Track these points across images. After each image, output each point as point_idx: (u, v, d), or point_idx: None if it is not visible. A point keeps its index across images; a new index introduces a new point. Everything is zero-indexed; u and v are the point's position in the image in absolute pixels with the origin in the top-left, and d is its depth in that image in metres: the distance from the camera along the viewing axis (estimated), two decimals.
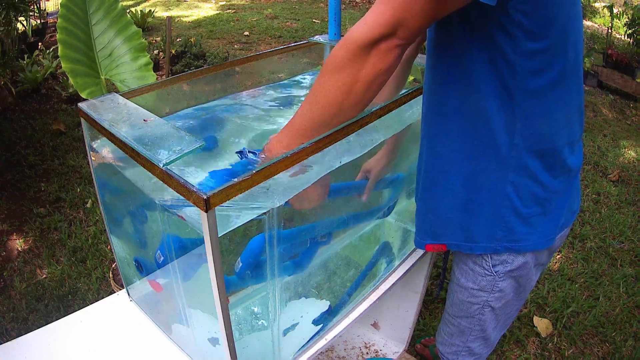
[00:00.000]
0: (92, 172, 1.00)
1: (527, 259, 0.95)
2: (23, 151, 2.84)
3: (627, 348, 1.78)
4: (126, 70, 1.86)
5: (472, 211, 0.92)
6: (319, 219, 1.00)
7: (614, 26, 5.09)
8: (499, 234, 0.92)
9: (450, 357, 1.17)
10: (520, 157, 0.85)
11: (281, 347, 0.98)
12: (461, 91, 0.84)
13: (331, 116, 0.77)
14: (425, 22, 0.71)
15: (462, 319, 1.08)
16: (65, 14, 1.74)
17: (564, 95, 0.83)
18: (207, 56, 4.19)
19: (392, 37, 0.71)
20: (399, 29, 0.70)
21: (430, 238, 1.01)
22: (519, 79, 0.78)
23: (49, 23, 4.90)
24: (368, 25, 0.71)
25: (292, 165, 0.75)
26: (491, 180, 0.88)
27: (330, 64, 0.74)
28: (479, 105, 0.82)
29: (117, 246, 1.10)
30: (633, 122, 3.86)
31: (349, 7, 6.86)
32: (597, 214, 2.55)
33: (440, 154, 0.92)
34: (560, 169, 0.89)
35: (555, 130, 0.85)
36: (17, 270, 2.04)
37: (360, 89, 0.75)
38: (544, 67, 0.78)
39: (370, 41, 0.71)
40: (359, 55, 0.72)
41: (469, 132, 0.86)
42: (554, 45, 0.77)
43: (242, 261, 0.87)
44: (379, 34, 0.70)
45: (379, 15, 0.70)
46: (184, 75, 1.08)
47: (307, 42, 1.37)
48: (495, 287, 0.98)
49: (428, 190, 0.97)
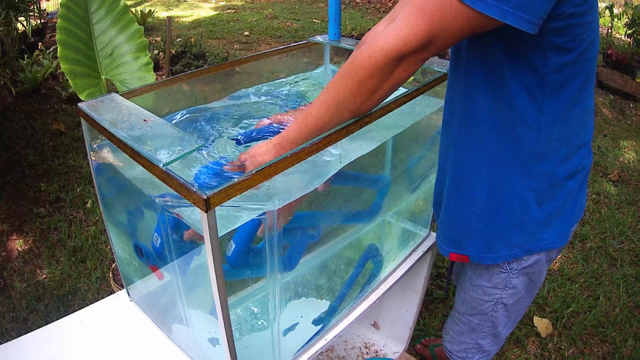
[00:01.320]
0: (92, 172, 1.00)
1: (540, 256, 0.97)
2: (23, 151, 2.84)
3: (627, 348, 1.78)
4: (127, 71, 1.85)
5: (492, 220, 0.94)
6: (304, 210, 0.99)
7: (614, 26, 5.09)
8: (518, 240, 0.94)
9: (460, 354, 1.18)
10: (542, 164, 0.86)
11: (281, 347, 0.98)
12: (489, 101, 0.85)
13: (348, 117, 0.80)
14: (457, 39, 0.72)
15: (473, 316, 1.10)
16: (65, 13, 1.73)
17: (582, 102, 0.85)
18: (207, 56, 4.19)
19: (422, 51, 0.72)
20: (430, 45, 0.71)
21: (454, 247, 1.02)
22: (547, 90, 0.80)
23: (49, 23, 4.90)
24: (401, 38, 0.70)
25: (292, 166, 0.75)
26: (514, 188, 0.89)
27: (357, 69, 0.74)
28: (506, 116, 0.84)
29: (117, 246, 1.10)
30: (633, 122, 3.86)
31: (349, 7, 6.86)
32: (597, 214, 2.55)
33: (467, 163, 0.93)
34: (577, 171, 0.91)
35: (574, 135, 0.87)
36: (17, 270, 2.04)
37: (381, 95, 0.77)
38: (570, 79, 0.80)
39: (401, 54, 0.71)
40: (388, 65, 0.73)
41: (495, 141, 0.87)
42: (580, 57, 0.79)
43: (234, 242, 0.86)
44: (411, 48, 0.71)
45: (414, 29, 0.69)
46: (184, 75, 1.08)
47: (307, 42, 1.37)
48: (508, 284, 1.00)
49: (454, 198, 0.99)
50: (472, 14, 0.68)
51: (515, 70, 0.79)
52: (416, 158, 1.32)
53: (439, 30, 0.69)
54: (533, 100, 0.81)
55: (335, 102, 0.77)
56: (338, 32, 1.35)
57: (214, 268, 0.69)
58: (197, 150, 0.74)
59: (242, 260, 0.88)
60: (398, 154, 1.19)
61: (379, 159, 1.17)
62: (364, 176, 1.16)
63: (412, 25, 0.70)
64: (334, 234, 1.13)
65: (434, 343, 1.68)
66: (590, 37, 0.78)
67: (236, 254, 0.87)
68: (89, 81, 1.76)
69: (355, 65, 0.74)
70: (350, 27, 5.47)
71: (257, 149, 0.81)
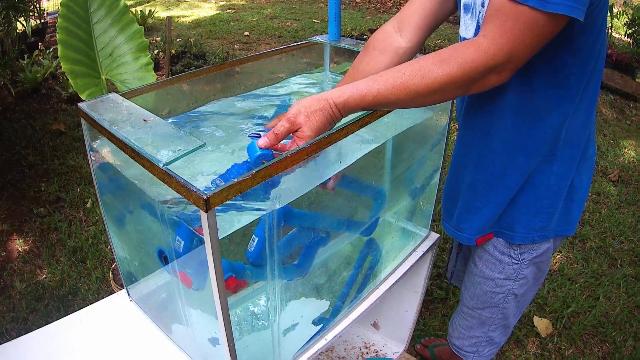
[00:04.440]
0: (92, 172, 1.00)
1: (550, 245, 1.02)
2: (23, 151, 2.84)
3: (627, 348, 1.78)
4: (127, 70, 1.85)
5: (517, 202, 0.98)
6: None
7: (613, 26, 5.09)
8: (537, 225, 0.99)
9: (469, 349, 1.19)
10: (565, 150, 0.93)
11: (281, 347, 0.98)
12: (520, 90, 0.89)
13: (424, 96, 0.78)
14: (533, 53, 0.77)
15: (484, 310, 1.12)
16: (66, 13, 1.73)
17: (595, 92, 0.93)
18: (207, 56, 4.19)
19: (502, 70, 0.76)
20: (510, 63, 0.76)
21: (479, 232, 1.05)
22: (572, 80, 0.87)
23: (49, 23, 4.90)
24: (487, 54, 0.74)
25: (292, 165, 0.75)
26: (540, 172, 0.95)
27: (447, 61, 0.76)
28: (535, 104, 0.90)
29: (117, 246, 1.10)
30: (633, 122, 3.86)
31: (349, 7, 6.86)
32: (597, 214, 2.55)
33: (498, 150, 0.96)
34: (587, 158, 0.99)
35: (588, 123, 0.95)
36: (17, 270, 2.04)
37: (449, 93, 0.79)
38: (589, 68, 0.87)
39: (486, 70, 0.76)
40: (472, 75, 0.76)
41: (525, 128, 0.92)
42: (596, 44, 0.85)
43: (256, 236, 0.84)
44: (493, 64, 0.75)
45: (497, 47, 0.74)
46: (184, 75, 1.08)
47: (307, 42, 1.37)
48: (520, 274, 1.04)
49: (484, 184, 1.01)
50: (544, 18, 0.72)
51: (546, 62, 0.85)
52: (419, 158, 1.32)
53: (519, 45, 0.74)
54: (560, 89, 0.87)
55: (430, 78, 0.76)
56: (338, 32, 1.35)
57: (214, 268, 0.69)
58: (197, 150, 0.74)
59: (264, 257, 0.85)
60: (399, 154, 1.19)
61: (379, 159, 1.17)
62: (367, 185, 1.17)
63: (496, 43, 0.74)
64: (334, 234, 1.13)
65: (434, 343, 1.69)
66: (602, 32, 0.85)
67: (259, 251, 0.84)
68: (90, 81, 1.76)
69: (448, 56, 0.76)
70: (350, 27, 5.47)
71: (310, 100, 0.77)
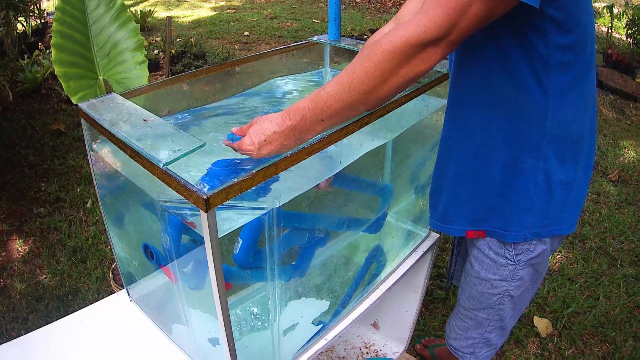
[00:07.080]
0: (92, 172, 1.00)
1: (547, 246, 1.00)
2: (23, 151, 2.84)
3: (627, 348, 1.78)
4: (123, 70, 1.85)
5: (508, 198, 0.97)
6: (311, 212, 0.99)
7: (614, 26, 5.09)
8: (529, 222, 0.96)
9: (466, 350, 1.19)
10: (550, 145, 0.90)
11: (281, 347, 0.98)
12: (499, 84, 0.88)
13: (359, 101, 0.78)
14: (475, 27, 0.74)
15: (480, 311, 1.11)
16: (61, 17, 1.72)
17: (584, 86, 0.90)
18: (207, 56, 4.19)
19: (441, 42, 0.74)
20: (450, 33, 0.73)
21: (470, 224, 1.04)
22: (551, 72, 0.84)
23: (49, 23, 4.90)
24: (421, 27, 0.72)
25: (292, 165, 0.75)
26: (525, 167, 0.93)
27: (376, 52, 0.75)
28: (516, 97, 0.88)
29: (117, 246, 1.10)
30: (633, 122, 3.86)
31: (349, 7, 6.86)
32: (597, 214, 2.55)
33: (481, 143, 0.95)
34: (582, 155, 0.95)
35: (578, 118, 0.91)
36: (17, 270, 2.04)
37: (394, 83, 0.77)
38: (571, 61, 0.85)
39: (421, 42, 0.73)
40: (406, 50, 0.73)
41: (506, 121, 0.91)
42: (578, 40, 0.83)
43: (241, 239, 0.85)
44: (431, 36, 0.72)
45: (433, 18, 0.72)
46: (184, 75, 1.08)
47: (307, 42, 1.37)
48: (515, 275, 1.02)
49: (469, 177, 1.00)
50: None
51: (521, 54, 0.83)
52: (419, 158, 1.32)
53: (457, 17, 0.72)
54: (538, 81, 0.85)
55: (349, 81, 0.77)
56: (338, 32, 1.35)
57: (214, 268, 0.69)
58: (197, 150, 0.74)
59: (250, 260, 0.87)
60: (398, 154, 1.19)
61: (379, 159, 1.17)
62: (368, 182, 1.17)
63: (431, 14, 0.72)
64: (335, 234, 1.13)
65: (434, 343, 1.69)
66: (585, 18, 0.83)
67: (244, 254, 0.85)
68: (83, 83, 1.76)
69: (375, 48, 0.75)
70: (350, 27, 5.47)
71: (267, 116, 0.80)
